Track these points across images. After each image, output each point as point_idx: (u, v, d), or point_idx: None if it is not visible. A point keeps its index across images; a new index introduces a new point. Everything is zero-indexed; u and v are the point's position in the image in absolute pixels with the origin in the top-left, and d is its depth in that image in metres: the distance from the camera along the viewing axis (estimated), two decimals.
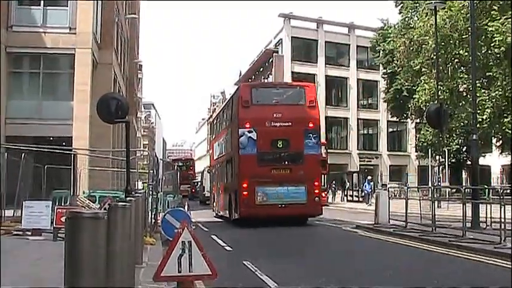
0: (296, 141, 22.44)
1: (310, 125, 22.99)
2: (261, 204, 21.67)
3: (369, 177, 44.67)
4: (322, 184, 31.28)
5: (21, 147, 18.36)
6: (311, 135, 22.80)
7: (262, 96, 23.88)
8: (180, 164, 61.02)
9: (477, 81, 27.39)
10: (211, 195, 33.76)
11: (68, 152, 21.67)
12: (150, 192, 17.85)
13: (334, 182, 48.53)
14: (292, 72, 64.96)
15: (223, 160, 26.96)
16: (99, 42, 30.87)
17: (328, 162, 45.76)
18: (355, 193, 47.25)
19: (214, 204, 30.52)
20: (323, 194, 31.79)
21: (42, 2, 28.66)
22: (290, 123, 22.50)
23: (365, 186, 42.53)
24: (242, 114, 22.64)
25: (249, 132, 22.19)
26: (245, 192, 21.83)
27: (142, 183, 37.19)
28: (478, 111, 30.02)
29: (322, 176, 31.43)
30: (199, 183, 54.55)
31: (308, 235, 19.99)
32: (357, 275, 10.84)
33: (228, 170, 25.34)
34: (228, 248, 14.72)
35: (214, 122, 35.40)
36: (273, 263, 12.04)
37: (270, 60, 67.11)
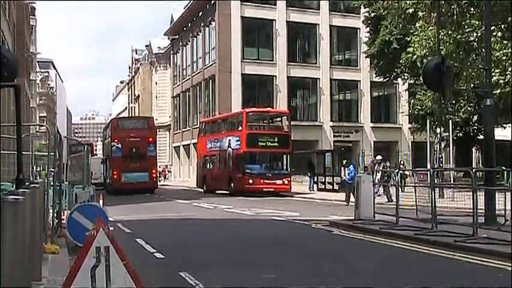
0: (143, 149, 49.21)
1: (150, 139, 50.38)
2: (125, 183, 47.87)
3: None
4: (286, 167, 45.30)
5: None
6: (151, 145, 50.38)
7: (124, 125, 54.95)
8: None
9: (493, 28, 27.59)
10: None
11: None
12: (51, 183, 17.58)
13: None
14: (243, 18, 65.18)
15: (105, 157, 57.10)
16: None
17: (292, 138, 45.67)
18: (328, 179, 46.39)
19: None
20: (286, 181, 44.33)
21: None
22: (139, 139, 49.29)
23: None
24: (114, 134, 50.85)
25: (117, 144, 49.21)
26: (115, 177, 48.76)
27: (40, 170, 36.93)
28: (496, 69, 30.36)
29: (285, 156, 45.17)
30: None
31: (268, 235, 19.94)
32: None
33: (108, 164, 52.88)
34: (158, 255, 14.63)
35: (102, 135, 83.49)
36: (223, 273, 12.01)
37: (212, 3, 67.15)
